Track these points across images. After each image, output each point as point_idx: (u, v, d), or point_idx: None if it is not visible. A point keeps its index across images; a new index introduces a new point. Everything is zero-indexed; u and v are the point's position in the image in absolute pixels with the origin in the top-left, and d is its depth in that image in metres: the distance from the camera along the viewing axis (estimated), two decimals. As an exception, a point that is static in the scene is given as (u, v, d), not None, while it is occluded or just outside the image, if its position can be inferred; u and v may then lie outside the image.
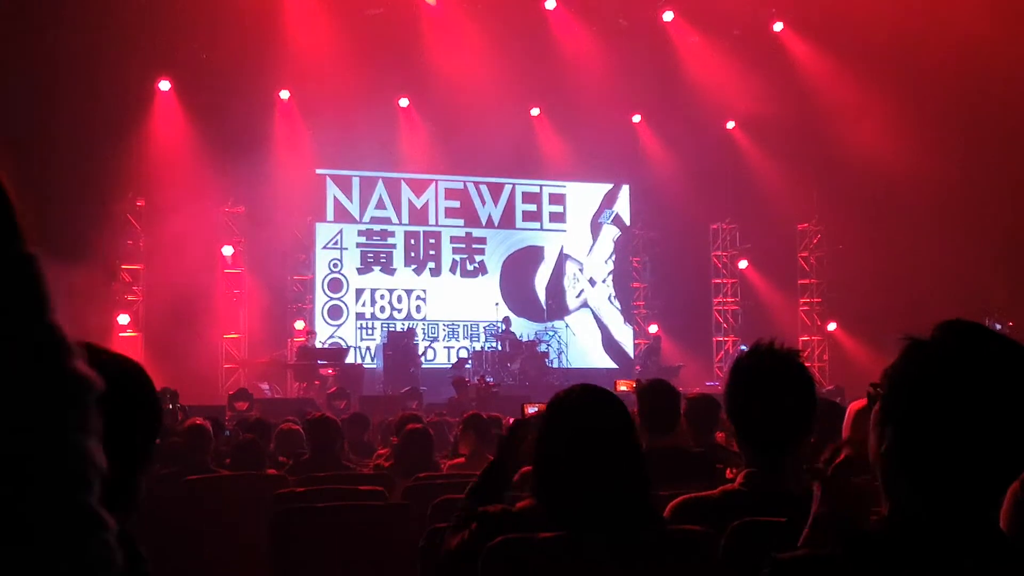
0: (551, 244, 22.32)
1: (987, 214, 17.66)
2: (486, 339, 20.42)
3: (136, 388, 1.73)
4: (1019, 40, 16.75)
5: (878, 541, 1.63)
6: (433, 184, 21.45)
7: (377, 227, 21.14)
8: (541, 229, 22.35)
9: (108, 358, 1.68)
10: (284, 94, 19.47)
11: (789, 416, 2.71)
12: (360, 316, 20.73)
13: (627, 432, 2.63)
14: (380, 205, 21.16)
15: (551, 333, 20.98)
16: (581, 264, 22.50)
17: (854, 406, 4.63)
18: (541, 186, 22.34)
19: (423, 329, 20.80)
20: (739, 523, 2.44)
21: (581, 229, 22.58)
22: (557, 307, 21.85)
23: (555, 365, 20.19)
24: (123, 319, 17.91)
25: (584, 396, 2.67)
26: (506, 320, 20.29)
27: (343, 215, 20.93)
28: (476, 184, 21.81)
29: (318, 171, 20.58)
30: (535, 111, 21.22)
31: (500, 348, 19.60)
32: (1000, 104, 17.17)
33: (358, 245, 20.94)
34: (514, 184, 22.11)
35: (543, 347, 20.19)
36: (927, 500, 1.64)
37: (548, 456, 2.64)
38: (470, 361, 19.63)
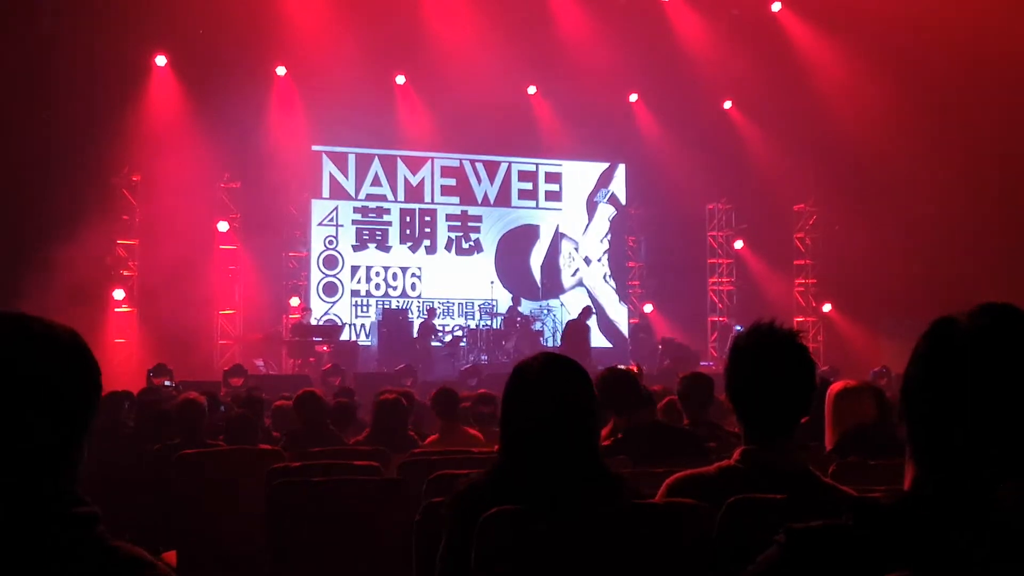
0: (547, 223, 22.30)
1: (982, 196, 17.65)
2: (481, 317, 20.43)
3: (66, 355, 1.73)
4: (1016, 20, 16.73)
5: (889, 513, 1.64)
6: (429, 162, 21.40)
7: (373, 204, 21.10)
8: (537, 208, 22.32)
9: (41, 329, 1.69)
10: (280, 70, 19.42)
11: (789, 396, 2.72)
12: (355, 293, 20.72)
13: (587, 399, 2.77)
14: (376, 182, 21.12)
15: (546, 311, 20.97)
16: (576, 243, 22.48)
17: (834, 388, 4.66)
18: (537, 164, 22.31)
19: (418, 307, 20.80)
20: (735, 499, 2.46)
21: (577, 208, 22.56)
22: (552, 286, 21.86)
23: (550, 344, 20.17)
24: (118, 294, 17.87)
25: (546, 363, 2.81)
26: (515, 299, 20.27)
27: (339, 192, 20.89)
28: (472, 162, 21.76)
29: (314, 147, 20.54)
30: (532, 89, 21.18)
31: (498, 327, 19.61)
32: (996, 85, 17.14)
33: (353, 222, 20.90)
34: (510, 162, 22.07)
35: (538, 325, 20.19)
36: (937, 476, 1.65)
37: (514, 421, 2.79)
38: (464, 339, 19.64)
